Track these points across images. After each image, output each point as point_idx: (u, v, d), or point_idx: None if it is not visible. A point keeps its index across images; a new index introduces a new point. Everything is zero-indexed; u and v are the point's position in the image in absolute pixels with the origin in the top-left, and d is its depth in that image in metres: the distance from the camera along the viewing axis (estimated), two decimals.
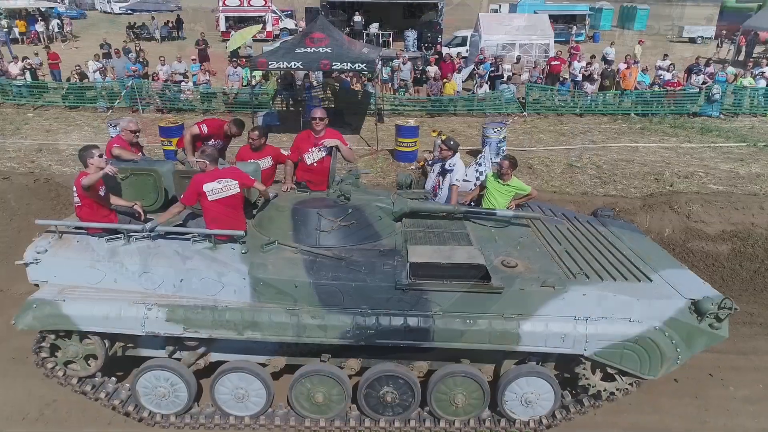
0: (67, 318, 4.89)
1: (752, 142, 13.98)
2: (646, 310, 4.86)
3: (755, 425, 5.40)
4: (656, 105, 16.45)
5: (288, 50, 13.01)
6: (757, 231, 8.91)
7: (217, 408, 5.40)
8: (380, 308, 4.86)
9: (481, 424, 5.34)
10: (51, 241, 5.28)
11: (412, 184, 6.74)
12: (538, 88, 17.11)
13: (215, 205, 5.21)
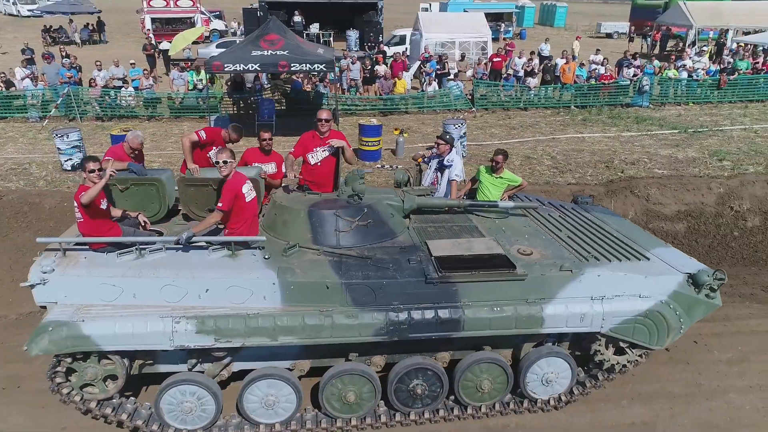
0: (88, 338, 4.64)
1: (683, 129, 15.19)
2: (653, 286, 5.27)
3: (743, 383, 5.98)
4: (593, 97, 17.50)
5: (243, 52, 12.76)
6: (708, 209, 9.76)
7: (244, 418, 5.31)
8: (411, 303, 4.97)
9: (505, 407, 5.57)
10: (55, 259, 4.99)
11: (410, 181, 6.87)
12: (484, 84, 17.71)
13: (252, 206, 5.15)
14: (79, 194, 4.91)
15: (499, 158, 6.66)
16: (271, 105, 15.11)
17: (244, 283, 4.89)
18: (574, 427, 5.40)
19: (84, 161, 5.03)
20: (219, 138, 6.45)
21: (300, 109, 16.44)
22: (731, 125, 15.58)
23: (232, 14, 41.28)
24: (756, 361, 6.30)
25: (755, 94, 18.26)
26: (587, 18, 47.05)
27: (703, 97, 18.07)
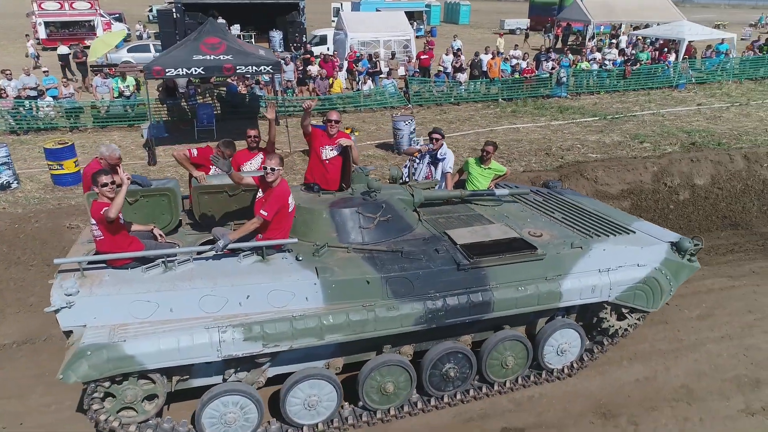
0: (132, 358, 4.43)
1: (602, 116, 16.59)
2: (648, 255, 5.89)
3: (714, 335, 6.81)
4: (518, 90, 18.59)
5: (185, 56, 12.27)
6: (646, 187, 10.83)
7: (284, 422, 5.28)
8: (446, 290, 5.20)
9: (527, 380, 5.97)
10: (76, 281, 4.69)
11: (406, 176, 7.09)
12: (417, 81, 18.24)
13: (293, 216, 5.13)
14: (99, 210, 4.66)
15: (489, 149, 7.06)
16: (209, 110, 14.63)
17: (286, 286, 4.89)
18: (589, 390, 5.90)
19: (95, 175, 4.79)
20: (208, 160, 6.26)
21: (237, 112, 16.07)
22: (641, 111, 17.23)
23: (134, 17, 39.11)
24: (720, 315, 7.18)
25: (654, 83, 20.28)
26: (489, 15, 49.43)
27: (611, 87, 19.79)
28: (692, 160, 11.38)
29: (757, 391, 5.87)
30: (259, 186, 5.27)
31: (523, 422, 5.47)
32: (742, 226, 10.18)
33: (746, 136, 14.12)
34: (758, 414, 5.55)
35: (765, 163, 11.66)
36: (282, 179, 5.20)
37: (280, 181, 5.16)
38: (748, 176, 11.44)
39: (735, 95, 19.31)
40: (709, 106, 17.80)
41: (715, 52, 21.50)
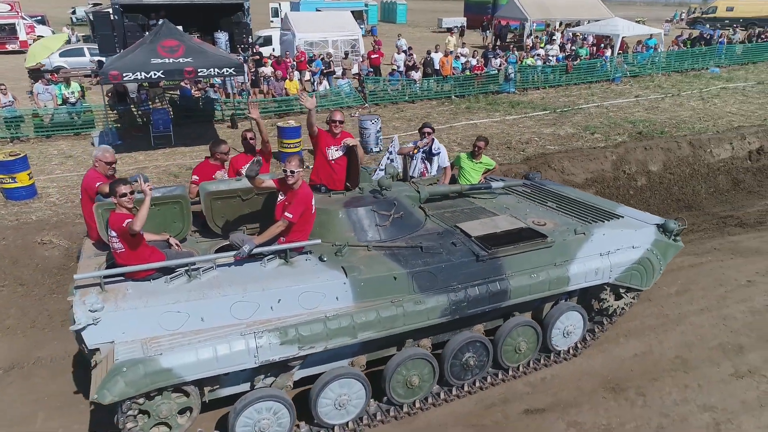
0: (170, 371, 4.30)
1: (552, 109, 17.34)
2: (641, 237, 6.29)
3: (694, 308, 7.35)
4: (469, 87, 19.10)
5: (142, 60, 11.80)
6: (607, 175, 11.48)
7: (313, 423, 5.27)
8: (467, 281, 5.36)
9: (537, 363, 6.24)
10: (97, 296, 4.49)
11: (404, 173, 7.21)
12: (371, 81, 18.35)
13: (314, 218, 5.10)
14: (121, 222, 4.49)
15: (481, 144, 7.29)
16: (165, 115, 14.11)
17: (316, 288, 4.89)
18: (594, 368, 6.25)
19: (114, 185, 4.62)
20: (210, 167, 6.13)
21: (192, 117, 15.60)
22: (586, 104, 18.15)
23: (56, 20, 36.94)
24: (695, 290, 7.76)
25: (593, 77, 21.39)
26: (424, 14, 50.23)
27: (555, 82, 20.70)
28: (645, 148, 12.16)
29: (741, 356, 6.42)
30: (279, 189, 5.23)
31: (541, 403, 5.72)
32: (695, 208, 10.99)
33: (684, 125, 15.22)
34: (746, 376, 6.07)
35: (708, 149, 12.64)
36: (303, 181, 5.18)
37: (302, 183, 5.14)
38: (694, 161, 12.36)
39: (666, 87, 20.71)
40: (646, 97, 19.00)
41: (645, 47, 22.93)
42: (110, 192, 4.63)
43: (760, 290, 7.74)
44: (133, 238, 4.55)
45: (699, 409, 5.62)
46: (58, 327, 7.18)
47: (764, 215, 10.35)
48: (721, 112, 16.84)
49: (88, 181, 5.49)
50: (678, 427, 5.38)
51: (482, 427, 5.41)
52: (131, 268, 4.61)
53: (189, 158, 12.88)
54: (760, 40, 26.62)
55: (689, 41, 24.75)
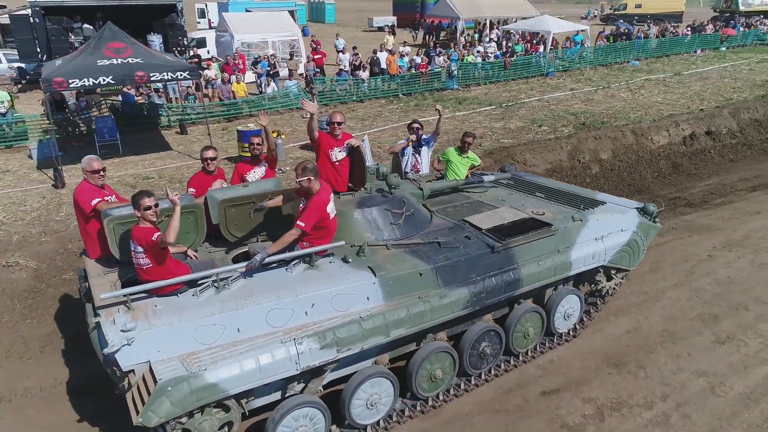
0: (215, 386, 4.16)
1: (497, 104, 17.97)
2: (627, 221, 6.72)
3: (668, 283, 7.93)
4: (415, 85, 19.42)
5: (88, 64, 11.12)
6: (565, 165, 12.09)
7: (344, 426, 5.26)
8: (484, 273, 5.53)
9: (544, 346, 6.52)
10: (126, 316, 4.27)
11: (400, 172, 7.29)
12: (319, 81, 18.24)
13: (334, 224, 5.05)
14: (149, 237, 4.30)
15: (469, 140, 7.51)
16: (110, 123, 13.37)
17: (347, 289, 4.88)
18: (594, 347, 6.62)
19: (137, 198, 4.42)
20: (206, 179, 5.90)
21: (136, 124, 14.86)
22: (528, 98, 18.94)
23: None
24: (665, 267, 8.37)
25: (529, 72, 22.35)
26: (352, 13, 50.31)
27: (495, 77, 21.45)
28: (595, 138, 12.91)
29: (718, 323, 7.01)
30: (298, 196, 5.18)
31: (555, 384, 6.00)
32: (645, 191, 11.79)
33: (620, 114, 16.25)
34: (727, 342, 6.65)
35: (649, 136, 13.59)
36: (322, 186, 5.13)
37: (319, 190, 5.08)
38: (638, 148, 13.25)
39: (596, 80, 21.99)
40: (580, 90, 20.09)
41: (573, 43, 24.22)
42: (133, 205, 4.41)
43: (720, 263, 8.47)
44: (162, 251, 4.36)
45: (693, 375, 6.11)
46: (38, 354, 6.70)
47: (707, 195, 11.29)
48: (649, 101, 18.11)
49: (82, 196, 5.17)
50: (680, 394, 5.82)
51: (506, 413, 5.60)
52: (160, 283, 4.41)
53: (142, 167, 12.31)
54: (671, 34, 28.80)
55: (612, 37, 26.39)
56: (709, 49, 28.86)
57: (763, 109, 16.07)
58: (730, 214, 10.23)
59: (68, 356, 6.64)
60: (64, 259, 7.97)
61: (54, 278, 7.75)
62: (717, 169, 12.99)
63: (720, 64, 24.98)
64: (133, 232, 4.40)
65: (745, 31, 30.54)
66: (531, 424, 5.46)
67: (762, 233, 9.41)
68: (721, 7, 40.88)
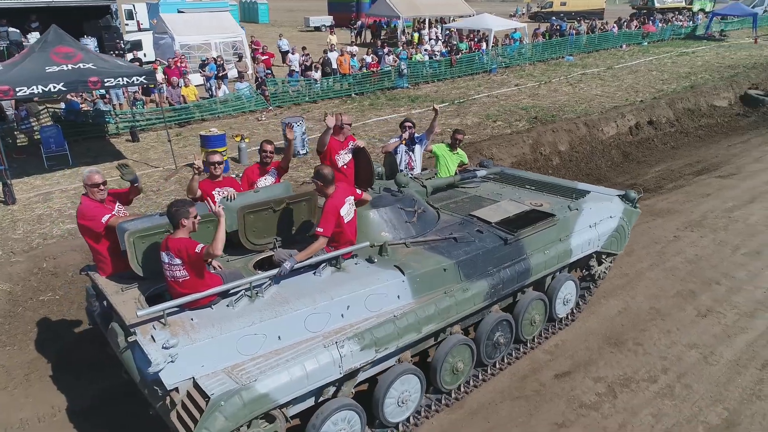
0: (267, 397, 4.06)
1: (449, 101, 18.34)
2: (614, 207, 7.11)
3: (645, 265, 8.45)
4: (367, 84, 19.48)
5: (35, 70, 10.39)
6: (528, 158, 12.55)
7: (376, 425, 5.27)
8: (499, 265, 5.70)
9: (547, 332, 6.78)
10: (165, 332, 4.10)
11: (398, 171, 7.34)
12: (271, 82, 17.92)
13: (350, 227, 5.00)
14: (192, 248, 4.16)
15: (460, 137, 7.67)
16: (57, 132, 12.54)
17: (378, 289, 4.90)
18: (592, 329, 6.96)
19: (185, 207, 4.31)
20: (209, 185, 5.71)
21: (83, 132, 14.02)
22: (477, 94, 19.46)
23: None
24: (638, 249, 8.90)
25: (473, 69, 22.95)
26: (286, 13, 49.62)
27: (442, 75, 21.87)
28: (553, 131, 13.48)
29: (696, 298, 7.56)
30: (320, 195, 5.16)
31: (564, 366, 6.27)
32: (603, 180, 12.44)
33: (566, 107, 17.03)
34: (708, 315, 7.18)
35: (599, 128, 14.34)
36: (337, 189, 5.10)
37: (332, 193, 5.06)
38: (591, 139, 13.97)
39: (537, 75, 22.90)
40: (525, 85, 20.86)
41: (512, 40, 25.08)
42: (181, 215, 4.25)
43: (685, 243, 9.11)
44: (201, 264, 4.22)
45: (686, 348, 6.56)
46: (24, 383, 6.25)
47: (659, 181, 12.07)
48: (590, 95, 19.07)
49: (90, 215, 4.88)
50: (678, 366, 6.24)
51: (526, 398, 5.80)
52: (198, 295, 4.25)
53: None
54: (600, 31, 30.43)
55: (548, 33, 27.55)
56: (633, 44, 30.73)
57: (694, 99, 17.35)
58: (684, 198, 11.00)
59: (60, 381, 6.24)
60: (40, 279, 7.44)
61: (31, 300, 7.23)
62: (662, 156, 13.90)
63: (645, 58, 26.66)
64: (169, 244, 4.22)
65: (663, 27, 32.74)
66: (552, 407, 5.68)
67: (716, 213, 10.19)
68: (639, 4, 43.59)
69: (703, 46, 30.34)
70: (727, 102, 18.20)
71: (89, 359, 6.59)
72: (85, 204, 4.96)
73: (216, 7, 33.58)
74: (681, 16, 37.06)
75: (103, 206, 4.99)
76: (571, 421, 5.48)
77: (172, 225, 4.32)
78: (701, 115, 16.94)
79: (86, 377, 6.23)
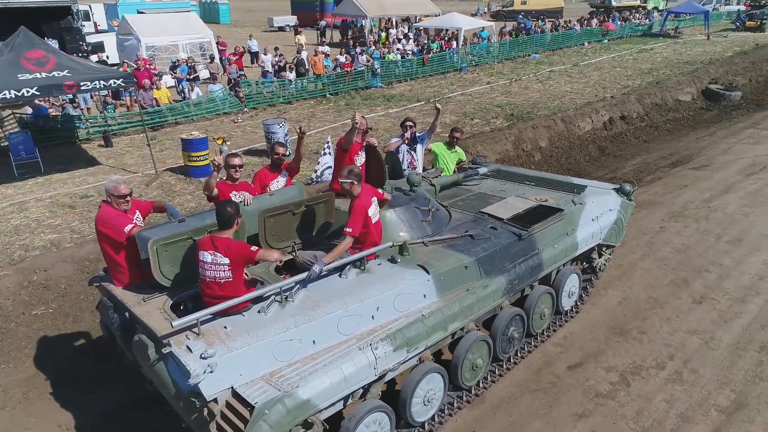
0: (308, 403, 4.00)
1: (425, 100, 18.44)
2: (613, 201, 7.31)
3: (637, 256, 8.69)
4: (341, 84, 19.39)
5: (8, 75, 9.92)
6: (511, 154, 12.73)
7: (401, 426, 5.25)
8: (514, 260, 5.78)
9: (555, 325, 6.90)
10: (201, 342, 3.98)
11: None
12: (245, 84, 17.63)
13: (376, 228, 4.97)
14: (247, 249, 4.20)
15: (458, 134, 7.73)
16: (27, 139, 12.00)
17: (405, 289, 4.89)
18: (597, 320, 7.12)
19: (236, 207, 4.28)
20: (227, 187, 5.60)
21: (52, 138, 13.46)
22: (451, 93, 19.62)
23: None
24: (629, 241, 9.13)
25: (445, 67, 23.14)
26: (248, 13, 48.86)
27: (414, 74, 21.97)
28: (533, 127, 13.73)
29: (689, 286, 7.83)
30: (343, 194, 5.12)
31: (576, 358, 6.40)
32: (583, 174, 12.73)
33: (540, 104, 17.35)
34: (703, 302, 7.45)
35: (576, 123, 14.69)
36: (363, 190, 5.07)
37: (359, 193, 5.03)
38: (569, 135, 14.29)
39: (507, 73, 23.26)
40: (496, 83, 21.16)
41: (481, 39, 25.41)
42: (238, 215, 4.30)
43: (672, 233, 9.43)
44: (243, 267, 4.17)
45: (687, 334, 6.79)
46: (24, 402, 6.00)
47: (637, 174, 12.46)
48: (560, 91, 19.50)
49: (112, 224, 4.70)
50: (683, 352, 6.45)
51: (544, 391, 5.89)
52: (234, 301, 4.15)
53: (73, 185, 11.23)
54: (563, 29, 31.15)
55: (514, 32, 28.02)
56: (594, 41, 31.60)
57: (660, 94, 17.97)
58: (663, 189, 11.38)
59: (63, 398, 6.00)
60: (31, 293, 7.10)
61: (23, 315, 6.89)
62: (636, 150, 14.35)
63: (607, 55, 27.44)
64: (217, 243, 4.15)
65: (622, 25, 33.78)
66: (570, 398, 5.79)
67: (695, 204, 10.59)
68: (596, 3, 44.83)
69: (660, 43, 31.45)
70: (691, 96, 18.93)
71: (90, 373, 6.37)
72: (107, 212, 4.77)
73: (177, 8, 32.90)
74: (638, 14, 38.31)
75: (125, 215, 4.81)
76: (590, 411, 5.60)
77: (226, 225, 4.26)
78: (668, 110, 17.57)
79: (91, 392, 6.01)
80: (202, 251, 4.18)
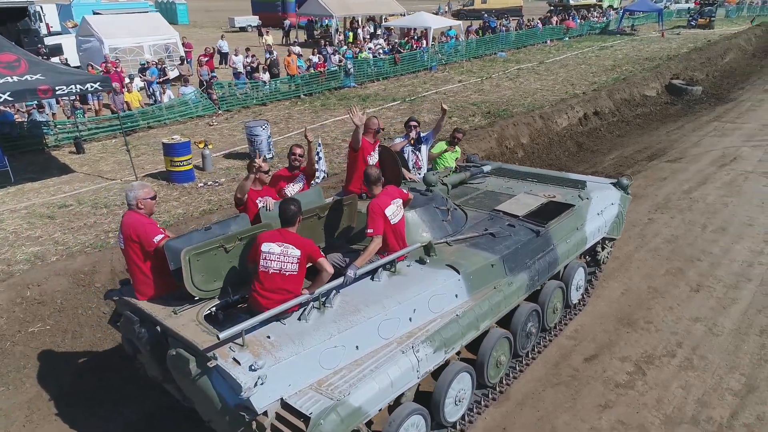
0: (360, 410, 3.92)
1: (401, 99, 18.44)
2: (614, 195, 7.48)
3: (631, 247, 8.93)
4: (315, 85, 19.19)
5: None
6: (496, 151, 12.87)
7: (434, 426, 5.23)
8: (533, 257, 5.83)
9: (566, 318, 7.01)
10: (247, 354, 3.85)
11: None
12: (218, 86, 17.23)
13: (399, 227, 4.92)
14: (316, 246, 4.25)
15: (460, 135, 7.77)
16: None
17: (438, 290, 4.87)
18: (603, 311, 7.26)
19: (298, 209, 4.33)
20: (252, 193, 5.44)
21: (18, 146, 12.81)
22: (425, 91, 19.70)
23: None
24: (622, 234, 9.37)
25: (414, 66, 23.21)
26: (207, 14, 47.79)
27: (386, 73, 21.95)
28: (514, 124, 13.93)
29: (685, 275, 8.09)
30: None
31: (590, 350, 6.51)
32: (565, 169, 12.98)
33: (514, 101, 17.62)
34: (700, 290, 7.72)
35: (553, 120, 14.98)
36: (383, 191, 5.03)
37: (378, 194, 5.00)
38: (547, 131, 14.56)
39: (476, 71, 23.52)
40: (468, 81, 21.37)
41: (448, 38, 25.61)
42: (300, 213, 4.35)
43: (660, 224, 9.73)
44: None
45: (690, 321, 7.01)
46: (28, 425, 5.71)
47: (616, 167, 12.80)
48: (531, 88, 19.85)
49: (142, 232, 4.47)
50: (690, 339, 6.66)
51: (565, 384, 5.97)
52: (284, 306, 4.05)
53: (47, 195, 10.72)
54: (526, 27, 31.74)
55: (481, 31, 28.37)
56: (556, 39, 32.33)
57: (628, 90, 18.54)
58: (645, 183, 11.74)
59: (68, 418, 5.73)
60: (25, 309, 6.72)
61: (19, 333, 6.52)
62: (612, 145, 14.75)
63: (570, 52, 28.13)
64: (287, 236, 4.22)
65: (581, 23, 34.69)
66: (591, 389, 5.88)
67: (677, 195, 10.96)
68: (555, 1, 45.87)
69: (618, 40, 32.46)
70: (656, 92, 19.59)
71: (95, 390, 6.09)
72: (136, 219, 4.53)
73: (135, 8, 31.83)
74: (595, 12, 39.41)
75: (155, 225, 4.60)
76: (612, 402, 5.71)
77: (290, 222, 4.31)
78: (636, 105, 18.13)
79: (96, 412, 5.74)
80: (268, 243, 4.16)
